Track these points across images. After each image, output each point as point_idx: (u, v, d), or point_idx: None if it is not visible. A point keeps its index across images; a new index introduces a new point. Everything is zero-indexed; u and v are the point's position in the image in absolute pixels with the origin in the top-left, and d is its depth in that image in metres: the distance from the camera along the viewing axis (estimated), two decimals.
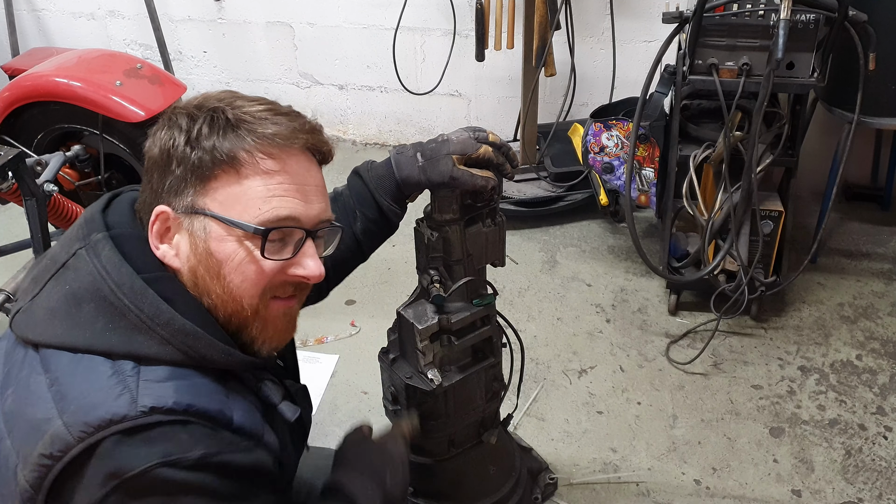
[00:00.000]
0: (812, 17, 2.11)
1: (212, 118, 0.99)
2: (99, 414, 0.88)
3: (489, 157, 1.33)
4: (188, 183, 0.98)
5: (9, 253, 2.50)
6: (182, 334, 0.94)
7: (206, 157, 0.97)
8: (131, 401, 0.89)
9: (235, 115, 0.99)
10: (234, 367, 1.00)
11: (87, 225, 1.01)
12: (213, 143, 0.97)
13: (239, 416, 0.97)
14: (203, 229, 0.99)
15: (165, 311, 0.94)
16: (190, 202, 0.99)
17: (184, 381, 0.94)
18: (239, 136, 0.98)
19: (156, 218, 1.00)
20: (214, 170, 0.98)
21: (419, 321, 1.43)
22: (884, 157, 3.10)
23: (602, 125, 2.61)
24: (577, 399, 2.31)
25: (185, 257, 1.00)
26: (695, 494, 2.01)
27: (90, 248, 0.97)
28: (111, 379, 0.91)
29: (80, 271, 0.96)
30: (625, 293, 2.72)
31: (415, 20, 3.33)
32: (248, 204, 0.98)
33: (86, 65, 2.48)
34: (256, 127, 0.99)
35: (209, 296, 1.01)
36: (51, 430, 0.89)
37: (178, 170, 0.98)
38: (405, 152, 1.33)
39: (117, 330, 0.93)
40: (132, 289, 0.94)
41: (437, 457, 1.66)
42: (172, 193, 0.99)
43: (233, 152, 0.97)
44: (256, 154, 0.98)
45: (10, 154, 2.01)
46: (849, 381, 2.34)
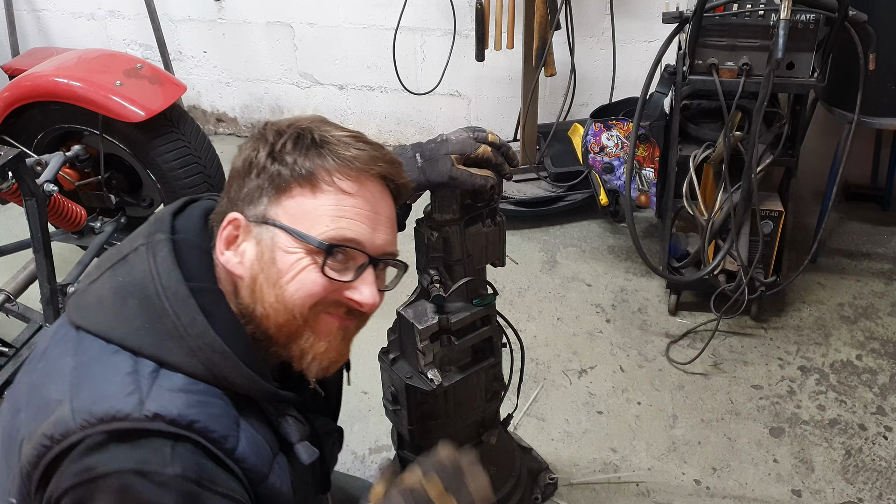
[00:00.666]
0: (812, 17, 2.11)
1: (298, 135, 1.02)
2: (104, 407, 0.89)
3: (488, 157, 1.33)
4: (264, 192, 1.01)
5: (9, 253, 2.50)
6: (210, 349, 0.94)
7: (285, 170, 1.00)
8: (139, 402, 0.89)
9: (321, 136, 1.02)
10: (255, 394, 1.00)
11: (155, 223, 1.04)
12: (294, 158, 1.00)
13: (244, 448, 0.95)
14: (271, 239, 1.00)
15: (200, 322, 0.95)
16: (263, 211, 1.01)
17: (197, 396, 0.93)
18: (321, 154, 1.01)
19: (227, 223, 1.02)
20: (291, 183, 1.00)
21: (419, 321, 1.43)
22: (884, 157, 3.10)
23: (602, 125, 2.61)
24: (577, 399, 2.30)
25: (249, 264, 1.02)
26: (695, 494, 2.01)
27: (150, 246, 1.00)
28: (128, 376, 0.91)
29: (135, 266, 0.99)
30: (625, 293, 2.72)
31: (415, 20, 3.33)
32: (317, 219, 1.00)
33: (86, 65, 2.47)
34: (338, 149, 1.02)
35: (262, 304, 1.01)
36: (58, 411, 0.90)
37: (256, 180, 1.01)
38: (404, 153, 1.33)
39: (152, 331, 0.94)
40: (176, 294, 0.95)
41: None
42: (247, 202, 1.02)
43: (312, 169, 1.00)
44: (334, 174, 1.01)
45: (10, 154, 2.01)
46: (849, 381, 2.34)
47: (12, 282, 2.29)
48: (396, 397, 1.57)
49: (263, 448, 0.99)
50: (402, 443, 1.69)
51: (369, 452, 2.16)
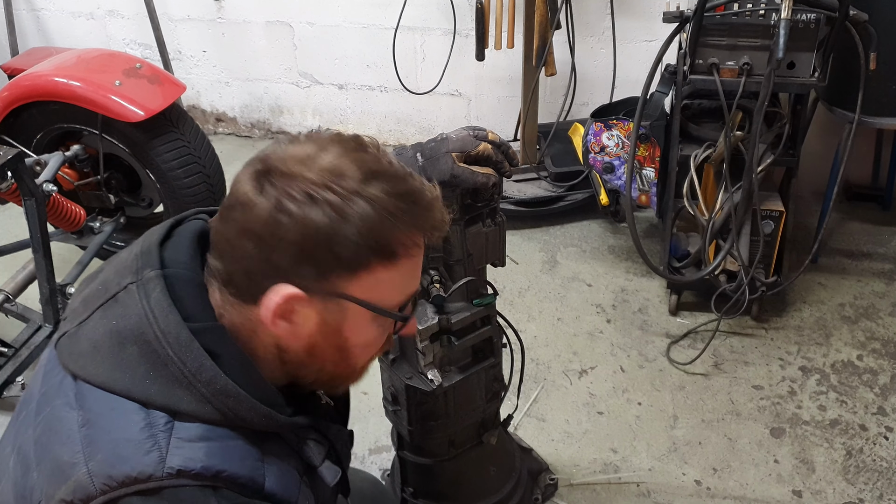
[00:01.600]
0: (813, 16, 2.10)
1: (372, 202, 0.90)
2: (125, 469, 0.85)
3: (488, 154, 1.32)
4: (335, 269, 0.91)
5: (9, 253, 2.50)
6: (223, 395, 0.90)
7: (360, 245, 0.90)
8: (159, 460, 0.86)
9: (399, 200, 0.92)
10: (273, 429, 0.96)
11: (142, 257, 0.96)
12: (369, 230, 0.89)
13: (272, 482, 0.93)
14: (340, 311, 0.94)
15: (209, 368, 0.90)
16: (331, 288, 0.92)
17: (217, 442, 0.90)
18: (397, 224, 0.91)
19: (285, 301, 0.91)
20: (370, 262, 0.91)
21: (419, 321, 1.42)
22: (884, 157, 3.09)
23: (602, 125, 2.60)
24: (577, 399, 2.30)
25: (308, 334, 0.95)
26: (695, 495, 2.01)
27: (141, 285, 0.93)
28: (142, 432, 0.88)
29: (128, 308, 0.92)
30: (625, 293, 2.72)
31: (415, 20, 3.32)
32: (393, 289, 0.96)
33: (85, 64, 2.47)
34: (418, 215, 0.94)
35: (321, 363, 0.99)
36: (75, 476, 0.87)
37: (321, 253, 0.90)
38: (405, 153, 1.33)
39: (158, 380, 0.89)
40: (178, 339, 0.90)
41: (438, 457, 1.66)
42: (311, 276, 0.91)
43: (390, 245, 0.92)
44: (412, 246, 0.94)
45: (9, 154, 2.00)
46: (850, 381, 2.34)
47: (11, 282, 2.29)
48: (396, 397, 1.57)
49: (290, 475, 0.97)
50: (402, 443, 1.69)
51: (369, 453, 2.15)
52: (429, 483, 1.74)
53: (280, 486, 0.94)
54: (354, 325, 0.96)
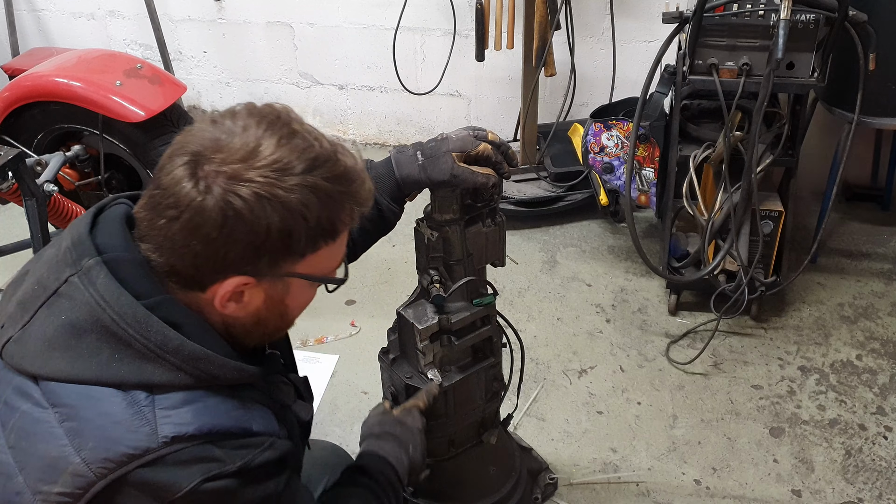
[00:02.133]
0: (812, 17, 2.11)
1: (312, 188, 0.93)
2: (120, 449, 0.88)
3: (489, 154, 1.32)
4: (285, 257, 0.96)
5: (9, 253, 2.50)
6: (193, 359, 0.93)
7: (309, 236, 0.95)
8: (151, 432, 0.89)
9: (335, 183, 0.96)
10: (245, 380, 1.00)
11: (75, 249, 0.96)
12: (318, 215, 0.94)
13: (258, 425, 0.99)
14: (286, 287, 1.01)
15: (173, 337, 0.92)
16: (280, 271, 0.98)
17: (200, 403, 0.93)
18: (343, 206, 0.98)
19: (234, 288, 0.96)
20: (317, 245, 0.98)
21: (419, 321, 1.43)
22: (884, 157, 3.10)
23: (602, 125, 2.61)
24: (577, 399, 2.30)
25: (254, 309, 1.01)
26: (695, 494, 2.01)
27: (83, 275, 0.94)
28: (127, 411, 0.90)
29: (75, 300, 0.93)
30: (625, 293, 2.72)
31: (415, 20, 3.33)
32: (332, 259, 1.02)
33: (86, 65, 2.47)
34: (354, 192, 0.98)
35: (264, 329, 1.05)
36: (69, 468, 0.88)
37: (274, 244, 0.94)
38: (405, 152, 1.33)
39: (125, 360, 0.91)
40: (135, 318, 0.91)
41: (438, 457, 1.66)
42: (263, 267, 0.96)
43: (334, 225, 0.98)
44: (351, 220, 1.01)
45: (10, 154, 2.01)
46: (849, 381, 2.34)
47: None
48: (396, 397, 1.57)
49: (270, 417, 1.03)
50: None
51: None
52: (429, 482, 1.74)
53: (265, 426, 1.00)
54: (297, 294, 1.03)
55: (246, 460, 0.94)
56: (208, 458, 0.91)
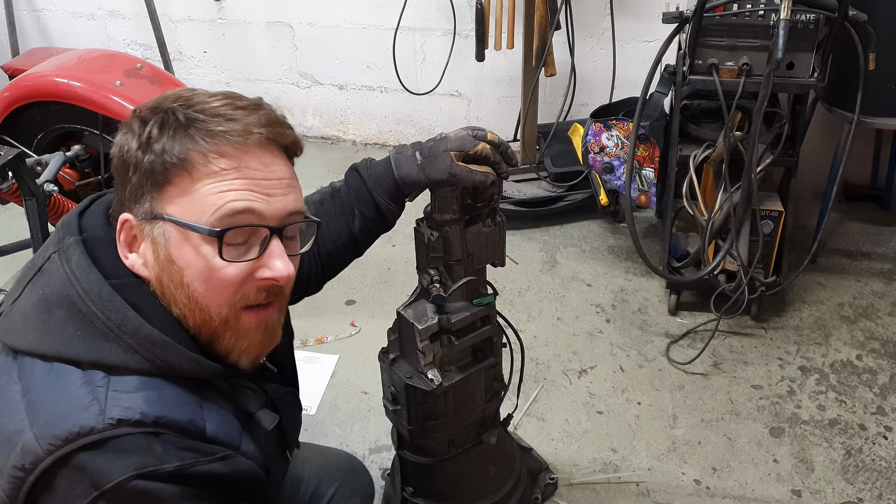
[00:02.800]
0: (812, 17, 2.11)
1: (163, 120, 0.95)
2: (67, 426, 0.87)
3: (487, 154, 1.32)
4: (145, 189, 0.95)
5: (9, 253, 2.50)
6: (149, 343, 0.92)
7: (157, 160, 0.93)
8: (99, 412, 0.88)
9: (187, 114, 0.95)
10: (204, 375, 0.98)
11: (62, 228, 1.00)
12: (162, 145, 0.93)
13: (212, 427, 0.95)
14: (163, 235, 0.95)
15: (132, 318, 0.92)
16: (148, 208, 0.95)
17: (154, 391, 0.92)
18: (189, 136, 0.94)
19: (121, 227, 0.98)
20: (167, 174, 0.94)
21: (419, 321, 1.43)
22: (884, 157, 3.10)
23: (602, 125, 2.61)
24: (577, 399, 2.30)
25: (151, 265, 0.97)
26: (695, 494, 2.01)
27: (62, 252, 0.96)
28: (81, 389, 0.89)
29: (52, 276, 0.95)
30: (625, 293, 2.72)
31: (415, 20, 3.33)
32: (202, 205, 0.93)
33: (86, 65, 2.48)
34: (208, 125, 0.94)
35: (176, 305, 0.97)
36: (22, 441, 0.88)
37: (134, 176, 0.95)
38: (404, 152, 1.33)
39: (86, 338, 0.91)
40: (100, 295, 0.92)
41: (438, 457, 1.66)
42: (133, 201, 0.96)
43: (184, 154, 0.93)
44: (209, 154, 0.93)
45: (10, 154, 2.01)
46: (849, 381, 2.34)
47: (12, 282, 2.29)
48: (396, 397, 1.57)
49: (230, 421, 0.99)
50: (402, 443, 1.69)
51: (369, 452, 2.16)
52: (429, 482, 1.75)
53: (221, 430, 0.96)
54: (180, 252, 0.95)
55: (184, 463, 0.89)
56: (146, 451, 0.88)
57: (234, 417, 1.00)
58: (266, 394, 1.09)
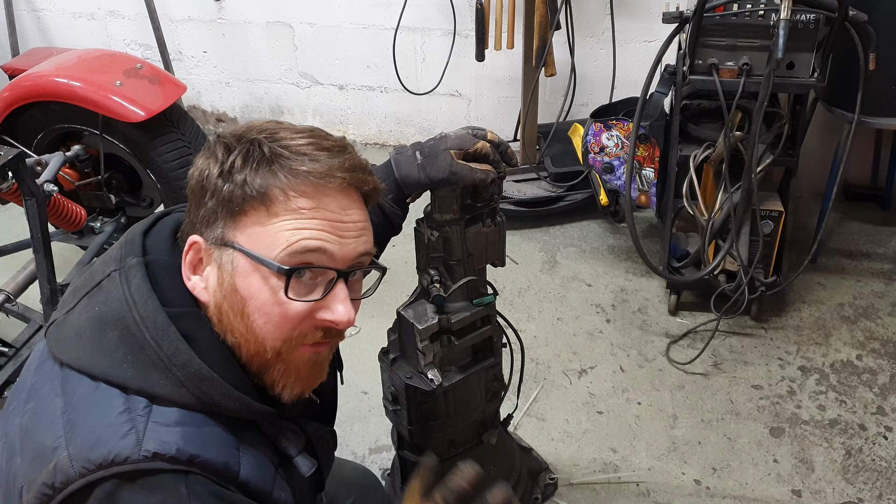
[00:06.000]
0: (812, 17, 2.11)
1: (248, 151, 0.95)
2: (102, 452, 0.86)
3: (486, 152, 1.32)
4: (219, 215, 0.95)
5: (9, 253, 2.50)
6: (197, 378, 0.91)
7: (237, 191, 0.93)
8: (136, 443, 0.87)
9: (272, 148, 0.94)
10: (249, 416, 0.97)
11: (126, 246, 0.99)
12: (244, 177, 0.93)
13: (246, 471, 0.94)
14: (231, 263, 0.95)
15: (184, 351, 0.91)
16: (220, 234, 0.95)
17: (193, 427, 0.91)
18: (272, 171, 0.93)
19: (189, 248, 0.98)
20: (244, 205, 0.94)
21: (419, 321, 1.43)
22: (884, 157, 3.10)
23: (602, 125, 2.61)
24: (577, 399, 2.30)
25: (213, 291, 0.97)
26: (695, 494, 2.01)
27: (123, 272, 0.95)
28: (121, 416, 0.89)
29: (110, 295, 0.94)
30: (625, 293, 2.72)
31: (415, 20, 3.33)
32: (274, 239, 0.93)
33: (86, 65, 2.48)
34: (292, 163, 0.94)
35: (232, 333, 0.97)
36: (55, 459, 0.88)
37: (210, 201, 0.95)
38: (404, 152, 1.34)
39: (135, 363, 0.91)
40: (155, 323, 0.92)
41: (438, 457, 1.66)
42: (204, 224, 0.96)
43: (264, 188, 0.93)
44: (289, 192, 0.93)
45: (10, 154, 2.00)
46: (849, 381, 2.34)
47: (12, 282, 2.29)
48: (396, 397, 1.57)
49: (265, 466, 0.98)
50: (402, 443, 1.69)
51: (369, 452, 2.16)
52: None
53: (255, 474, 0.94)
54: (246, 282, 0.94)
55: None
56: (172, 493, 0.87)
57: (270, 461, 0.99)
58: (306, 435, 1.07)
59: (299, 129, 0.99)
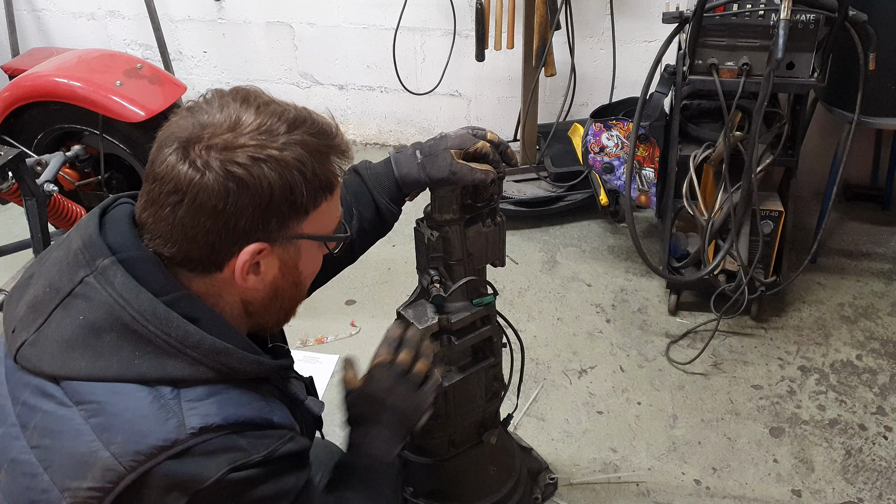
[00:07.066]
0: (812, 17, 2.11)
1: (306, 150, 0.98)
2: (150, 442, 0.89)
3: (486, 152, 1.33)
4: (291, 217, 0.99)
5: (9, 253, 2.50)
6: (214, 353, 0.95)
7: (309, 191, 0.98)
8: (179, 424, 0.90)
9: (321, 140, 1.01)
10: (263, 373, 1.02)
11: (87, 250, 0.97)
12: (314, 170, 0.98)
13: (278, 417, 1.01)
14: (297, 250, 1.03)
15: (193, 332, 0.94)
16: (291, 232, 1.00)
17: (223, 395, 0.95)
18: (330, 159, 1.01)
19: (251, 258, 0.98)
20: (318, 202, 1.00)
21: (419, 321, 1.43)
22: (884, 157, 3.10)
23: (602, 125, 2.61)
24: (577, 399, 2.31)
25: (272, 279, 1.03)
26: (695, 494, 2.02)
27: (99, 275, 0.94)
28: (153, 405, 0.91)
29: (92, 300, 0.94)
30: (625, 293, 2.72)
31: (415, 20, 3.33)
32: (332, 216, 1.05)
33: (86, 65, 2.48)
34: (338, 145, 1.03)
35: (281, 304, 1.07)
36: (99, 462, 0.89)
37: (280, 205, 0.96)
38: (404, 151, 1.34)
39: (146, 356, 0.93)
40: (155, 315, 0.93)
41: (438, 457, 1.66)
42: (269, 230, 0.98)
43: (329, 179, 1.01)
44: (340, 174, 1.03)
45: (10, 154, 2.01)
46: (849, 381, 2.34)
47: (12, 282, 2.29)
48: None
49: (286, 412, 1.05)
50: None
51: None
52: (429, 482, 1.75)
53: (285, 418, 1.03)
54: (307, 258, 1.05)
55: (270, 449, 0.96)
56: (234, 447, 0.93)
57: (287, 408, 1.06)
58: (305, 383, 1.18)
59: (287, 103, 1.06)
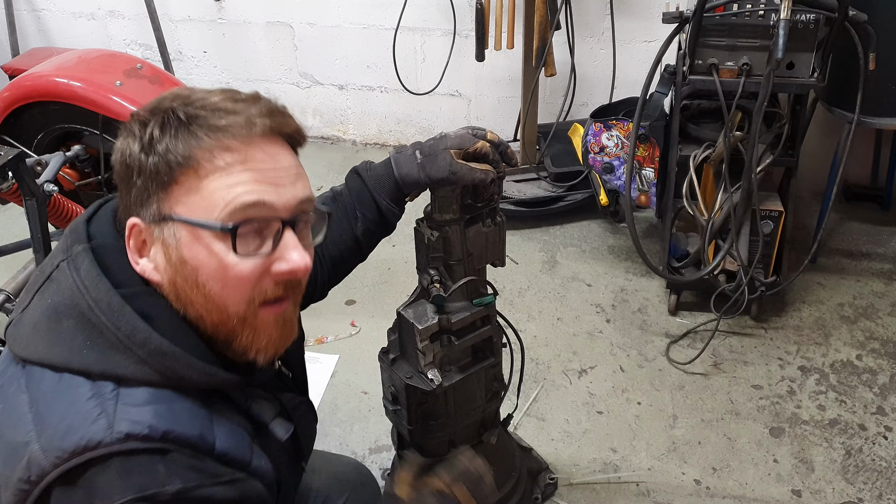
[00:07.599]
0: (812, 17, 2.11)
1: (163, 120, 0.93)
2: (74, 439, 0.86)
3: (486, 151, 1.33)
4: (150, 191, 0.93)
5: (9, 253, 2.50)
6: (159, 354, 0.90)
7: (161, 161, 0.91)
8: (107, 426, 0.86)
9: (187, 112, 0.93)
10: (217, 386, 0.96)
11: (70, 235, 0.98)
12: (165, 145, 0.91)
13: (222, 442, 0.94)
14: (173, 236, 0.93)
15: (142, 329, 0.90)
16: (156, 210, 0.93)
17: (164, 405, 0.90)
18: (192, 133, 0.92)
19: (129, 232, 0.96)
20: (173, 174, 0.92)
21: (419, 321, 1.43)
22: (884, 157, 3.10)
23: (602, 125, 2.61)
24: (577, 399, 2.31)
25: (163, 269, 0.95)
26: (695, 494, 2.02)
27: (71, 260, 0.94)
28: (90, 402, 0.88)
29: (61, 285, 0.93)
30: (625, 293, 2.72)
31: (415, 20, 3.33)
32: (211, 201, 0.91)
33: (86, 65, 2.47)
34: (210, 120, 0.92)
35: (192, 306, 0.95)
36: (28, 454, 0.87)
37: (138, 180, 0.93)
38: (404, 151, 1.34)
39: (95, 348, 0.90)
40: (109, 305, 0.91)
41: (438, 457, 1.66)
42: (139, 204, 0.94)
43: (188, 152, 0.91)
44: (214, 150, 0.92)
45: (10, 154, 2.00)
46: (849, 381, 2.34)
47: (12, 282, 2.29)
48: (396, 397, 1.57)
49: (241, 436, 0.97)
50: (402, 443, 1.69)
51: (369, 452, 2.16)
52: None
53: (231, 445, 0.94)
54: (192, 251, 0.93)
55: (187, 486, 0.87)
56: (149, 472, 0.86)
57: (244, 431, 0.99)
58: (280, 403, 1.08)
59: (210, 89, 0.99)
